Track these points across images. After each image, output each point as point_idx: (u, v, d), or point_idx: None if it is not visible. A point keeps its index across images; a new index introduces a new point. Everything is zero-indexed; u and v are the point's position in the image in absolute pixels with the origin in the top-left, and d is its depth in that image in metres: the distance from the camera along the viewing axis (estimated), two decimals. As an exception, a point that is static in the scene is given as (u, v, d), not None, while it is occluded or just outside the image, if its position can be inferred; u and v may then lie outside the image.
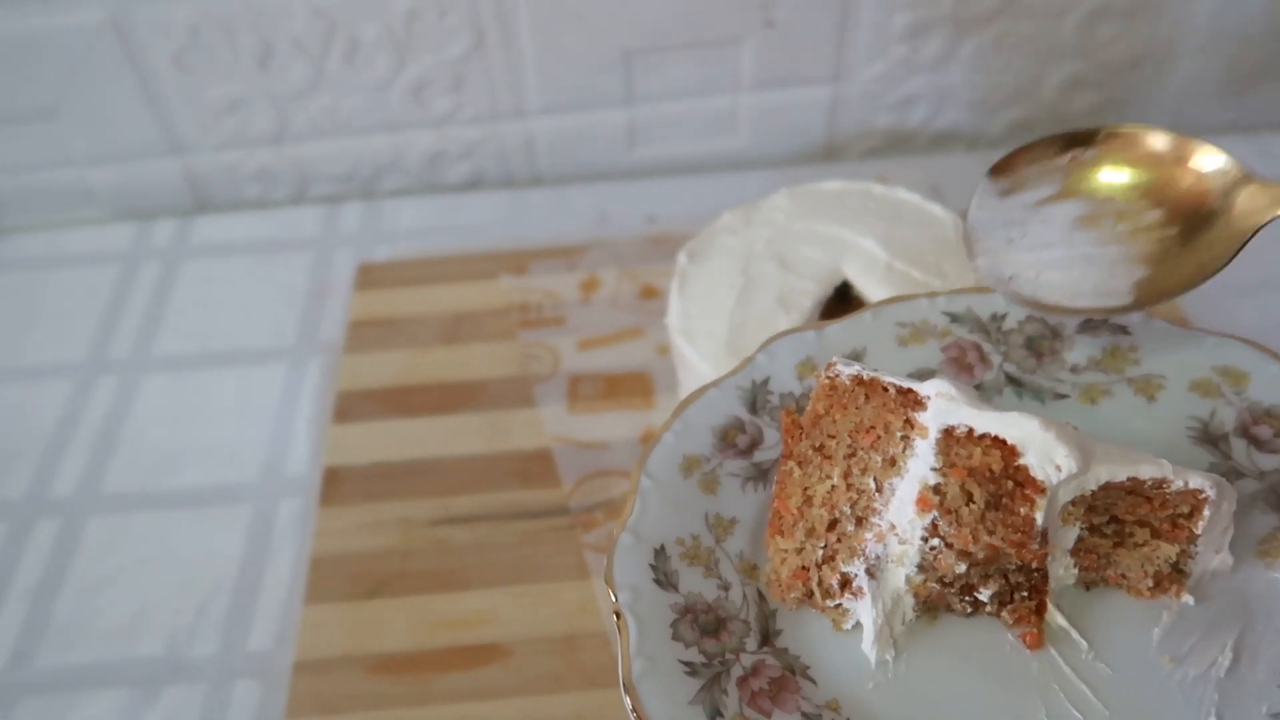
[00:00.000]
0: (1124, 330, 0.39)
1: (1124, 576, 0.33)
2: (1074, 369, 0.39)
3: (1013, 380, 0.39)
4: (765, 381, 0.39)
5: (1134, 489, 0.32)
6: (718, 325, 0.49)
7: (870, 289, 0.50)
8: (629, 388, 0.57)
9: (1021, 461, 0.31)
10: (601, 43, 0.67)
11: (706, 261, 0.52)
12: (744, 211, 0.55)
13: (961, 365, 0.39)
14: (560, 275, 0.64)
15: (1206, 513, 0.31)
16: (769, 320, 0.48)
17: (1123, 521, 0.32)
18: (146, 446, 0.57)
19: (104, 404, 0.59)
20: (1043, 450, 0.31)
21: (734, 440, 0.37)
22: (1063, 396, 0.38)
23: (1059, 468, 0.31)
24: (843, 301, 0.51)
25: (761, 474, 0.37)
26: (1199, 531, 0.32)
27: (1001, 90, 0.71)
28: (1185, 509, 0.32)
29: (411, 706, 0.44)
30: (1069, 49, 0.69)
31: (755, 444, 0.37)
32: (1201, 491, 0.31)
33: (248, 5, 0.64)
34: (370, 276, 0.65)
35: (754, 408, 0.38)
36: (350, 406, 0.57)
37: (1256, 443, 0.36)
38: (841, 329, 0.40)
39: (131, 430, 0.58)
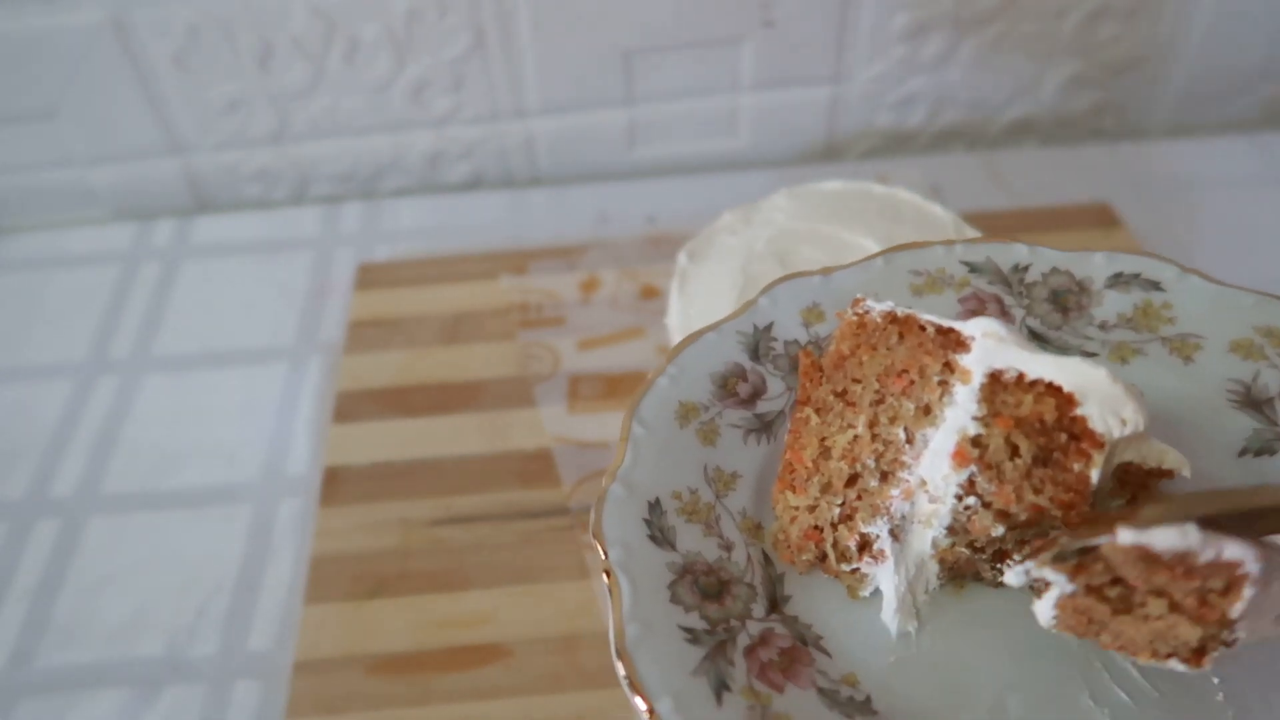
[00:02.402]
0: (1157, 286, 0.36)
1: (1121, 647, 0.27)
2: (1103, 325, 0.36)
3: (1037, 336, 0.36)
4: (768, 327, 0.36)
5: (1145, 556, 0.25)
6: (718, 325, 0.49)
7: (870, 289, 0.50)
8: (629, 388, 0.57)
9: (1079, 412, 0.28)
10: (601, 43, 0.67)
11: (706, 261, 0.52)
12: (744, 211, 0.55)
13: None
14: (560, 275, 0.64)
15: (1246, 593, 0.25)
16: (769, 320, 0.48)
17: (1132, 588, 0.26)
18: (146, 446, 0.57)
19: (104, 404, 0.59)
20: (1107, 400, 0.27)
21: (734, 389, 0.34)
22: (1091, 355, 0.35)
23: (1124, 421, 0.27)
24: (843, 301, 0.51)
25: (765, 426, 0.34)
26: (1234, 616, 0.25)
27: (1001, 90, 0.71)
28: (1218, 583, 0.25)
29: (411, 706, 0.44)
30: (1069, 49, 0.69)
31: (758, 394, 0.34)
32: (1239, 565, 0.25)
33: (248, 5, 0.63)
34: (370, 276, 0.65)
35: (756, 354, 0.35)
36: (350, 406, 0.57)
37: None
38: (851, 274, 0.37)
39: (131, 430, 0.58)
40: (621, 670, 0.27)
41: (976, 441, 0.29)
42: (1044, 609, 0.27)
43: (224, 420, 0.58)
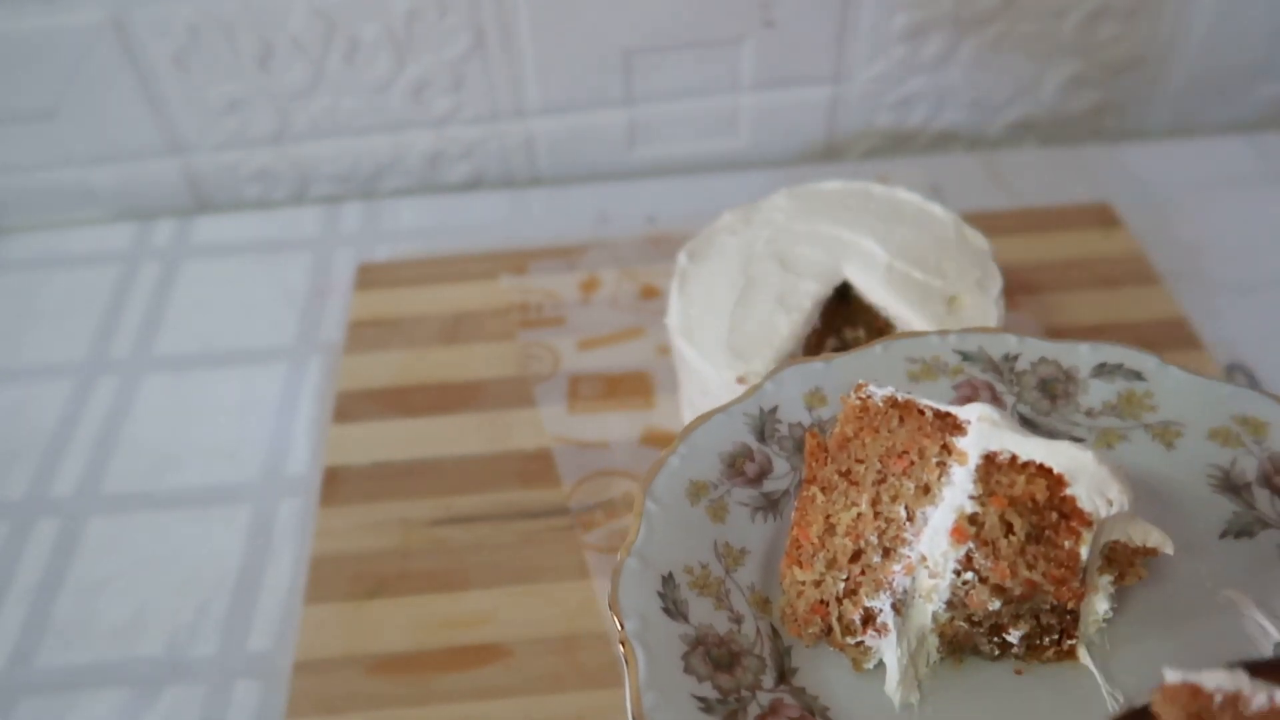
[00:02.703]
0: (1139, 376, 0.38)
1: None
2: (1089, 412, 0.38)
3: (1027, 422, 0.38)
4: (774, 410, 0.38)
5: (1195, 707, 0.25)
6: (718, 325, 0.49)
7: (870, 289, 0.50)
8: (629, 388, 0.57)
9: (1069, 492, 0.30)
10: (601, 43, 0.67)
11: (706, 261, 0.52)
12: (744, 211, 0.55)
13: None
14: (560, 275, 0.64)
15: None
16: (769, 320, 0.48)
17: None
18: (146, 446, 0.57)
19: (104, 404, 0.59)
20: (1094, 482, 0.29)
21: (742, 468, 0.36)
22: (1078, 440, 0.37)
23: (1110, 501, 0.29)
24: (843, 301, 0.51)
25: (772, 505, 0.36)
26: None
27: (1001, 90, 0.71)
28: None
29: (411, 706, 0.44)
30: (1069, 49, 0.69)
31: (764, 473, 0.36)
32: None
33: (248, 5, 0.64)
34: (370, 276, 0.65)
35: (762, 436, 0.37)
36: (350, 406, 0.57)
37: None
38: (850, 361, 0.39)
39: (131, 430, 0.58)
40: None
41: (973, 519, 0.30)
42: None
43: (224, 420, 0.58)
